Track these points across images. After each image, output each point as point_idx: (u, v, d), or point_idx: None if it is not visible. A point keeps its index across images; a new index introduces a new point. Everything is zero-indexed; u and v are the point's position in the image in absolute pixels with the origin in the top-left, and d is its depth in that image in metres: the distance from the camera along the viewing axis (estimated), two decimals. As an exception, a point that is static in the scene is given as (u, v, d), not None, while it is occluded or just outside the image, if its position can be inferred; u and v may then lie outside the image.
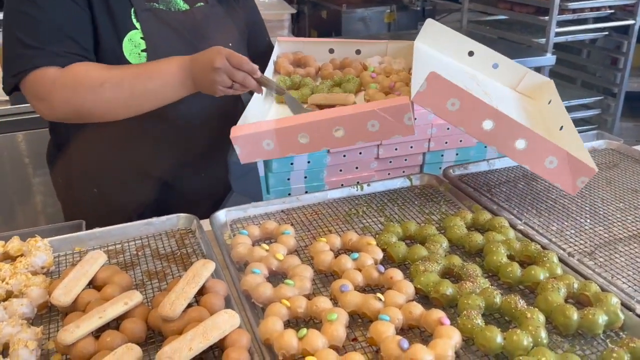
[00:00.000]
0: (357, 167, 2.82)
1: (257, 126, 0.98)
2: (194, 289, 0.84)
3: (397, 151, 2.75)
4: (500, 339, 0.76)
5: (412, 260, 0.94)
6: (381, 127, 0.94)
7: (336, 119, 0.95)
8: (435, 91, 0.90)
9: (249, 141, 0.95)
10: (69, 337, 0.74)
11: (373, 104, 0.97)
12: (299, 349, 0.75)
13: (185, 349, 0.71)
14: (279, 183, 2.72)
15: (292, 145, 0.96)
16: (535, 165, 0.95)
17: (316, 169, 2.74)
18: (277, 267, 0.94)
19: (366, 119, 0.94)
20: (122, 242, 1.06)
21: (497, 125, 0.91)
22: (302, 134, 0.95)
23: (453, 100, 0.91)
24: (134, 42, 1.13)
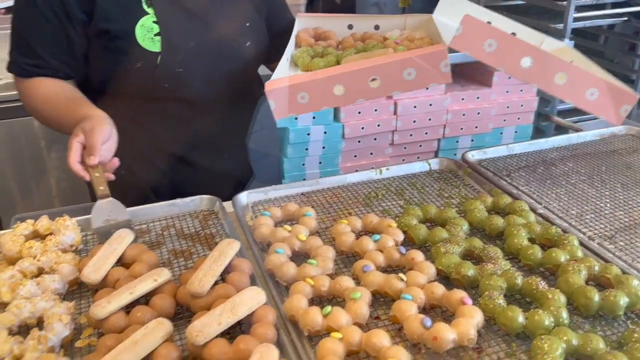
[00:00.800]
0: (371, 153, 2.82)
1: (291, 79, 0.95)
2: (221, 267, 0.86)
3: (412, 137, 2.75)
4: (522, 319, 0.77)
5: (433, 242, 0.96)
6: (417, 75, 0.92)
7: (372, 68, 0.92)
8: (471, 34, 0.89)
9: (283, 95, 0.93)
10: (101, 312, 0.77)
11: (409, 52, 0.95)
12: (324, 326, 0.77)
13: (214, 324, 0.73)
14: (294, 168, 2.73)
15: (327, 98, 0.94)
16: (577, 99, 0.92)
17: (331, 154, 2.75)
18: (299, 247, 0.96)
19: (402, 67, 0.92)
20: (148, 222, 1.08)
21: (536, 61, 0.89)
22: (338, 86, 0.93)
23: (490, 41, 0.89)
24: (146, 27, 1.14)
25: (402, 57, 0.92)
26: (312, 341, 0.78)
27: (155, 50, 1.14)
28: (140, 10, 1.14)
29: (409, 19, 1.43)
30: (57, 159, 1.97)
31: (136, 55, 1.14)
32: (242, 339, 0.73)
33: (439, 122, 2.71)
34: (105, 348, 0.73)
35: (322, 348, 0.72)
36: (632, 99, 0.92)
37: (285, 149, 2.63)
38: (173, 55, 1.16)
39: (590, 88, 0.91)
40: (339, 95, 0.93)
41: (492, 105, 2.75)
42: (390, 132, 2.69)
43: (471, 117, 2.75)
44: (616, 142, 1.40)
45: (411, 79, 0.92)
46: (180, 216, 1.11)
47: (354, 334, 0.74)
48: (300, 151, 2.63)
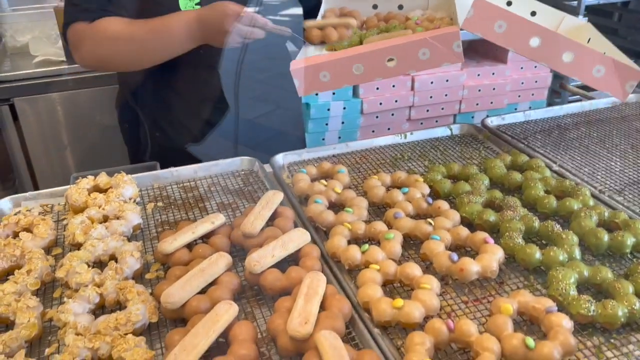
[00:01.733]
0: (389, 128, 2.92)
1: (314, 59, 1.03)
2: (268, 213, 0.96)
3: (428, 113, 2.84)
4: (538, 255, 0.87)
5: (457, 194, 1.05)
6: (431, 55, 0.97)
7: (389, 49, 0.99)
8: (482, 16, 0.94)
9: (306, 73, 1.00)
10: (168, 247, 0.88)
11: (423, 33, 1.01)
12: (362, 261, 0.88)
13: (269, 256, 0.84)
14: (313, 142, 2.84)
15: (347, 76, 1.00)
16: (584, 75, 0.96)
17: (350, 129, 2.86)
18: (335, 199, 1.06)
19: (417, 47, 0.97)
20: (195, 180, 1.19)
21: (544, 41, 0.93)
22: (357, 65, 0.99)
23: (500, 22, 0.94)
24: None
25: (417, 38, 0.98)
26: (352, 274, 0.89)
27: None
28: None
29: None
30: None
31: None
32: (293, 269, 0.83)
33: (455, 98, 2.81)
34: (174, 277, 0.84)
35: (362, 276, 0.83)
36: (637, 75, 0.97)
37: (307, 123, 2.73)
38: None
39: (596, 65, 0.96)
40: (358, 74, 1.00)
41: (507, 81, 2.84)
42: (407, 108, 2.79)
43: (486, 93, 2.85)
44: (627, 109, 1.47)
45: (425, 58, 0.98)
46: (223, 175, 1.21)
47: (390, 266, 0.84)
48: (321, 126, 2.73)
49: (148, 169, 1.23)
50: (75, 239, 0.93)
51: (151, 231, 1.02)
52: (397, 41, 1.01)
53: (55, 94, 2.04)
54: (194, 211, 1.09)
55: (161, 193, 1.15)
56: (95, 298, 0.80)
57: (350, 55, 1.00)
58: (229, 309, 0.74)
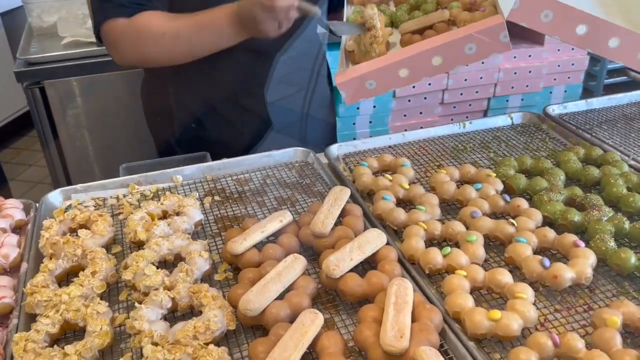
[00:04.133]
0: (421, 112, 2.85)
1: (358, 69, 1.00)
2: (338, 211, 0.91)
3: (462, 96, 2.76)
4: (634, 260, 0.81)
5: (533, 191, 0.99)
6: (478, 48, 0.95)
7: (434, 49, 0.96)
8: (528, 6, 0.92)
9: (352, 85, 0.99)
10: (238, 248, 0.83)
11: (468, 28, 0.97)
12: (444, 265, 0.82)
13: (347, 259, 0.79)
14: (344, 127, 2.77)
15: (393, 81, 0.99)
16: (629, 60, 0.95)
17: (381, 114, 2.78)
18: (403, 195, 1.00)
19: (463, 43, 0.95)
20: (249, 172, 1.14)
21: (590, 28, 0.92)
22: (403, 69, 0.97)
23: (546, 12, 0.92)
24: None
25: (463, 34, 0.95)
26: (431, 279, 0.84)
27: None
28: None
29: None
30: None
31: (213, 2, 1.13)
32: (373, 273, 0.78)
33: (490, 81, 2.73)
34: (247, 280, 0.79)
35: (449, 283, 0.77)
36: None
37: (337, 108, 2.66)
38: None
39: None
40: (404, 77, 0.97)
41: (544, 64, 2.74)
42: (440, 91, 2.71)
43: (522, 76, 2.76)
44: (696, 98, 1.40)
45: (472, 53, 0.95)
46: (277, 166, 1.16)
47: (477, 272, 0.79)
48: (352, 110, 2.66)
49: (199, 159, 1.17)
50: (137, 237, 0.89)
51: (212, 227, 0.97)
52: (442, 40, 0.96)
53: (87, 77, 1.98)
54: (252, 205, 1.04)
55: (215, 186, 1.10)
56: (168, 303, 0.76)
57: (396, 61, 0.97)
58: (315, 319, 0.70)
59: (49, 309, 0.74)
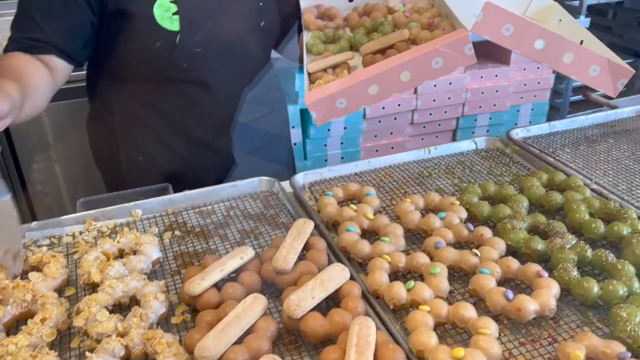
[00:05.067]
0: (391, 133, 2.86)
1: (328, 88, 1.00)
2: (300, 245, 0.89)
3: (431, 116, 2.79)
4: (597, 289, 0.81)
5: (497, 218, 0.99)
6: (445, 62, 0.97)
7: (402, 64, 0.97)
8: (491, 20, 0.94)
9: (324, 104, 0.98)
10: (196, 288, 0.80)
11: (434, 42, 0.98)
12: (408, 299, 0.81)
13: (309, 298, 0.77)
14: (316, 149, 2.76)
15: (363, 98, 0.99)
16: (581, 75, 0.99)
17: (352, 135, 2.79)
18: (368, 225, 0.99)
19: (430, 58, 0.97)
20: (213, 204, 1.11)
21: (548, 42, 0.95)
22: (373, 86, 0.97)
23: (507, 25, 0.95)
24: (164, 6, 1.13)
25: (429, 48, 0.97)
26: (396, 314, 0.82)
27: (174, 30, 1.14)
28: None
29: None
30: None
31: (155, 35, 1.14)
32: (336, 311, 0.76)
33: (458, 101, 2.76)
34: (204, 323, 0.76)
35: (412, 320, 0.76)
36: (628, 73, 1.00)
37: (308, 130, 2.65)
38: (192, 35, 1.16)
39: (593, 65, 0.98)
40: (373, 94, 0.98)
41: (510, 83, 2.79)
42: (410, 112, 2.73)
43: (490, 95, 2.80)
44: (652, 119, 1.43)
45: (439, 67, 0.97)
46: (242, 197, 1.14)
47: (441, 307, 0.78)
48: (323, 132, 2.65)
49: (160, 192, 1.14)
50: (91, 279, 0.85)
51: (171, 265, 0.94)
52: (409, 55, 0.97)
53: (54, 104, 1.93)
54: (215, 240, 1.01)
55: (177, 219, 1.07)
56: (121, 351, 0.72)
57: (365, 78, 0.98)
58: (274, 365, 0.67)
59: (-6, 361, 0.70)
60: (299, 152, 2.68)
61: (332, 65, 1.13)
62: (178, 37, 1.14)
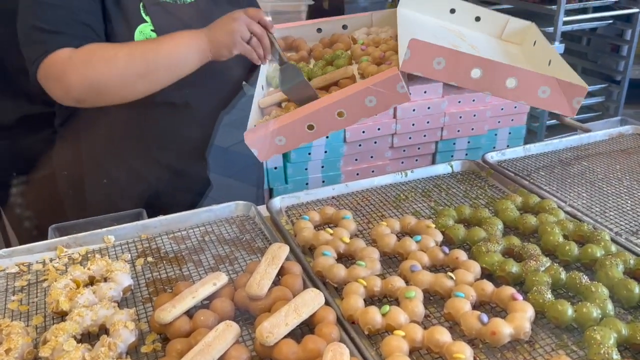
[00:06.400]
0: (372, 156, 2.87)
1: (266, 126, 1.00)
2: (275, 270, 0.88)
3: (410, 140, 2.81)
4: (571, 312, 0.81)
5: (472, 241, 0.99)
6: (378, 101, 0.97)
7: (336, 103, 0.98)
8: (419, 56, 0.94)
9: (264, 142, 0.99)
10: (167, 316, 0.78)
11: (366, 81, 0.99)
12: (383, 324, 0.80)
13: (282, 324, 0.76)
14: (296, 173, 2.76)
15: (302, 136, 1.00)
16: (530, 99, 0.96)
17: (333, 158, 2.79)
18: (344, 249, 0.98)
19: (363, 96, 0.97)
20: (187, 229, 1.10)
21: (485, 71, 0.93)
22: (309, 124, 0.98)
23: (438, 59, 0.94)
24: (144, 34, 1.13)
25: (361, 87, 0.98)
26: (371, 339, 0.81)
27: None
28: (139, 17, 1.13)
29: (375, 16, 1.44)
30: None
31: None
32: (309, 338, 0.75)
33: (436, 125, 2.79)
34: (175, 352, 0.74)
35: (387, 345, 0.75)
36: (582, 91, 0.97)
37: (289, 155, 2.65)
38: None
39: (541, 87, 0.96)
40: (312, 132, 0.99)
41: (488, 108, 2.83)
42: (390, 135, 2.75)
43: (468, 120, 2.83)
44: (625, 142, 1.46)
45: (373, 105, 0.98)
46: (217, 222, 1.13)
47: (416, 331, 0.77)
48: (303, 156, 2.66)
49: (134, 217, 1.13)
50: (59, 307, 0.83)
51: (142, 292, 0.92)
52: (342, 94, 0.99)
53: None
54: (188, 266, 0.99)
55: (150, 245, 1.05)
56: (87, 382, 0.70)
57: (302, 116, 1.00)
58: (245, 395, 0.65)
59: (-48, 396, 0.67)
60: (279, 175, 2.68)
61: (283, 100, 1.14)
62: None
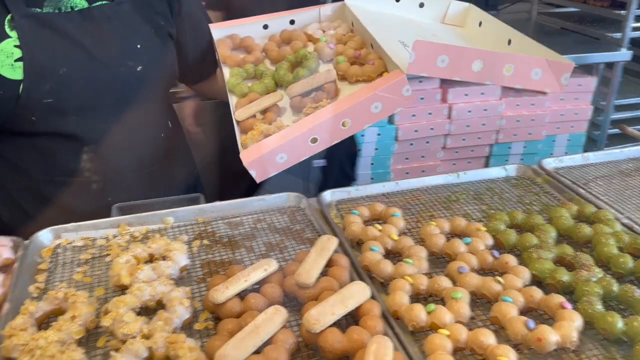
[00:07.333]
0: (423, 156, 2.86)
1: (265, 145, 0.96)
2: (324, 261, 0.91)
3: (464, 142, 2.78)
4: (621, 325, 0.79)
5: (523, 247, 0.98)
6: (384, 106, 0.97)
7: (342, 113, 0.96)
8: (424, 56, 0.93)
9: (262, 162, 0.95)
10: (220, 296, 0.82)
11: (371, 87, 0.97)
12: (428, 322, 0.81)
13: (328, 313, 0.78)
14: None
15: (304, 150, 0.98)
16: (525, 82, 0.99)
17: (383, 156, 2.79)
18: (392, 246, 1.00)
19: (369, 103, 0.96)
20: (241, 216, 1.14)
21: (485, 62, 0.95)
22: (312, 137, 0.96)
23: (442, 57, 0.94)
24: (5, 52, 1.04)
25: (368, 94, 0.97)
26: (415, 336, 0.82)
27: (17, 78, 1.04)
28: (1, 33, 1.04)
29: (323, 10, 1.37)
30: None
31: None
32: (354, 329, 0.77)
33: (492, 128, 2.74)
34: (226, 331, 0.78)
35: (431, 343, 0.76)
36: (569, 67, 1.00)
37: (342, 150, 2.66)
38: (39, 84, 1.05)
39: (534, 69, 0.98)
40: (314, 145, 0.97)
41: (546, 113, 2.76)
42: (443, 136, 2.72)
43: (525, 124, 2.77)
44: (692, 155, 1.40)
45: (378, 111, 0.97)
46: (269, 211, 1.16)
47: (460, 332, 0.78)
48: (354, 152, 2.66)
49: (192, 201, 1.18)
50: (121, 281, 0.88)
51: (197, 272, 0.97)
52: (348, 102, 0.97)
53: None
54: (241, 250, 1.03)
55: (206, 229, 1.10)
56: (144, 352, 0.75)
57: (305, 130, 0.96)
58: (291, 377, 0.68)
59: (25, 353, 0.74)
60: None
61: (261, 110, 1.09)
62: (21, 87, 1.04)
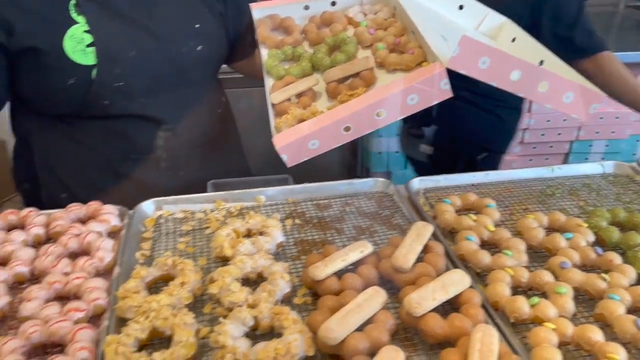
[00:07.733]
0: (499, 150, 2.76)
1: (298, 130, 0.95)
2: (420, 247, 0.90)
3: (543, 137, 2.68)
4: None
5: (627, 246, 0.94)
6: (420, 98, 0.95)
7: (377, 103, 0.94)
8: (467, 54, 0.91)
9: (294, 147, 0.95)
10: (320, 273, 0.84)
11: (409, 78, 0.95)
12: (531, 315, 0.79)
13: (429, 298, 0.78)
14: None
15: (336, 138, 0.97)
16: (555, 103, 0.98)
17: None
18: (488, 237, 0.98)
19: (406, 95, 0.94)
20: (329, 198, 1.15)
21: (524, 74, 0.94)
22: (346, 125, 0.95)
23: (484, 59, 0.91)
24: (76, 38, 1.03)
25: (404, 85, 0.94)
26: (515, 328, 0.81)
27: (89, 64, 1.04)
28: (68, 20, 1.03)
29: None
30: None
31: (67, 70, 1.03)
32: (456, 316, 0.77)
33: (573, 124, 2.63)
34: (326, 307, 0.80)
35: (536, 336, 0.75)
36: (599, 98, 1.01)
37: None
38: (111, 68, 1.06)
39: (567, 92, 0.98)
40: (347, 133, 0.96)
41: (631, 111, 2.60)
42: (521, 130, 2.63)
43: (608, 121, 2.65)
44: None
45: (414, 103, 0.95)
46: (357, 195, 1.17)
47: (566, 326, 0.76)
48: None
49: (282, 182, 1.20)
50: (223, 252, 0.92)
51: (291, 250, 0.99)
52: (383, 92, 0.95)
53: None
54: (331, 232, 1.05)
55: (296, 209, 1.12)
56: (250, 321, 0.77)
57: (338, 118, 0.94)
58: (397, 358, 0.69)
59: (139, 314, 0.78)
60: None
61: (297, 94, 1.08)
62: (94, 72, 1.04)
